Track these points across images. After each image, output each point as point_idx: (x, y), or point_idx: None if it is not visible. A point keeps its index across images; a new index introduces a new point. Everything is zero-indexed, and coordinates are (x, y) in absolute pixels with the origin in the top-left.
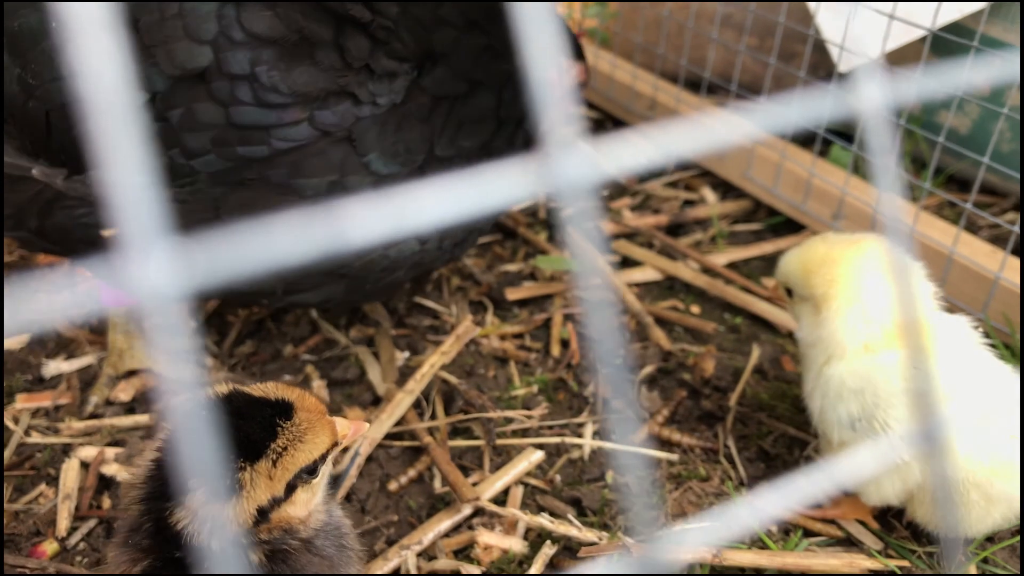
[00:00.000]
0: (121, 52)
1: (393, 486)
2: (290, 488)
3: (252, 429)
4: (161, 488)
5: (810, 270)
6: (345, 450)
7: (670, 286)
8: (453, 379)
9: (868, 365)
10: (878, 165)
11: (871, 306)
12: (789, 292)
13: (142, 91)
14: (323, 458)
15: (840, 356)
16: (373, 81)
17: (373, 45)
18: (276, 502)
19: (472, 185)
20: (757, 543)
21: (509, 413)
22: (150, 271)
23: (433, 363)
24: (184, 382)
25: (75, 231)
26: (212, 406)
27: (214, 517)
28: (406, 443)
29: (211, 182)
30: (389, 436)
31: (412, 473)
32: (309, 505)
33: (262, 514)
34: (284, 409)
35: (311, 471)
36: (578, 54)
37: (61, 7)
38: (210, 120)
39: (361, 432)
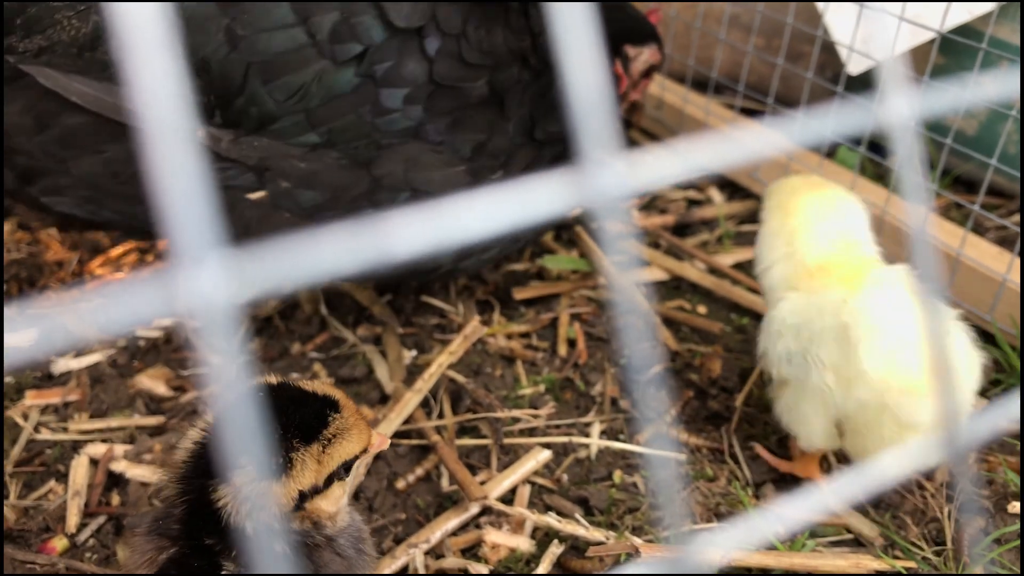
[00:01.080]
0: (176, 74)
1: (401, 484)
2: (328, 480)
3: (306, 415)
4: (204, 468)
5: (769, 193)
6: None
7: (676, 286)
8: (460, 378)
9: (805, 304)
10: (905, 177)
11: (791, 240)
12: None
13: (356, 43)
14: (356, 459)
15: (770, 282)
16: (536, 50)
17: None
18: (315, 491)
19: (518, 197)
20: (764, 543)
21: (516, 412)
22: (202, 280)
23: (441, 362)
24: (231, 377)
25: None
26: (264, 392)
27: (258, 495)
28: (414, 441)
29: (387, 139)
30: (397, 434)
31: (420, 471)
32: (339, 503)
33: (301, 500)
34: (333, 403)
35: (347, 468)
36: (645, 37)
37: (120, 16)
38: (413, 77)
39: (384, 446)
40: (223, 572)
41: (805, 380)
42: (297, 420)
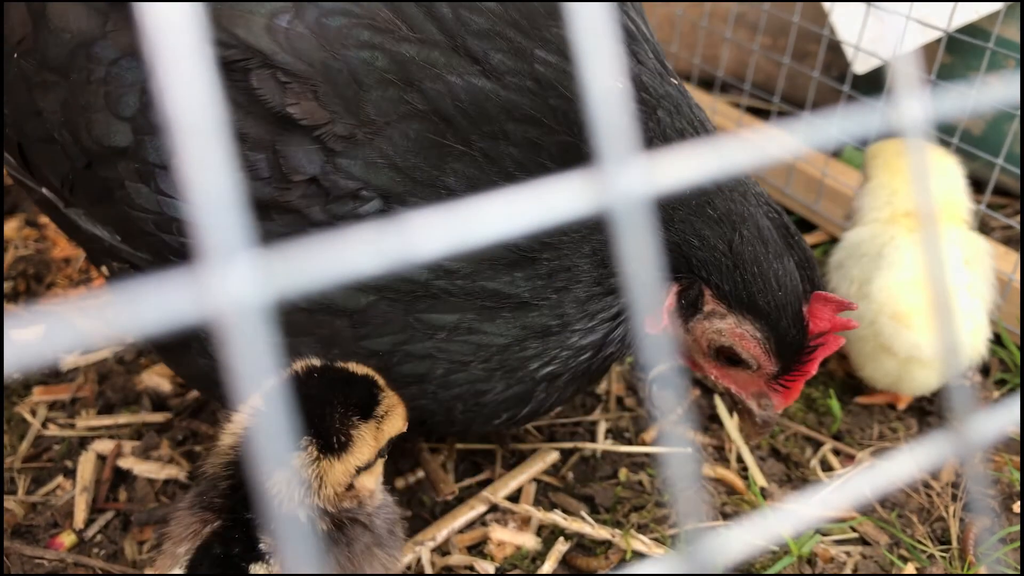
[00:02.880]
0: (208, 68)
1: (408, 481)
2: (377, 456)
3: (358, 393)
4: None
5: (874, 153)
6: None
7: None
8: None
9: (867, 232)
10: (918, 184)
11: (892, 194)
12: None
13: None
14: (400, 434)
15: (859, 222)
16: None
17: None
18: (366, 466)
19: (531, 200)
20: (771, 541)
21: None
22: (231, 282)
23: None
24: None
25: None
26: (312, 373)
27: (316, 475)
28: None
29: None
30: None
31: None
32: (378, 479)
33: (356, 473)
34: (375, 381)
35: (390, 444)
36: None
37: (150, 15)
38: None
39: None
40: (260, 546)
41: (839, 287)
42: (351, 399)
